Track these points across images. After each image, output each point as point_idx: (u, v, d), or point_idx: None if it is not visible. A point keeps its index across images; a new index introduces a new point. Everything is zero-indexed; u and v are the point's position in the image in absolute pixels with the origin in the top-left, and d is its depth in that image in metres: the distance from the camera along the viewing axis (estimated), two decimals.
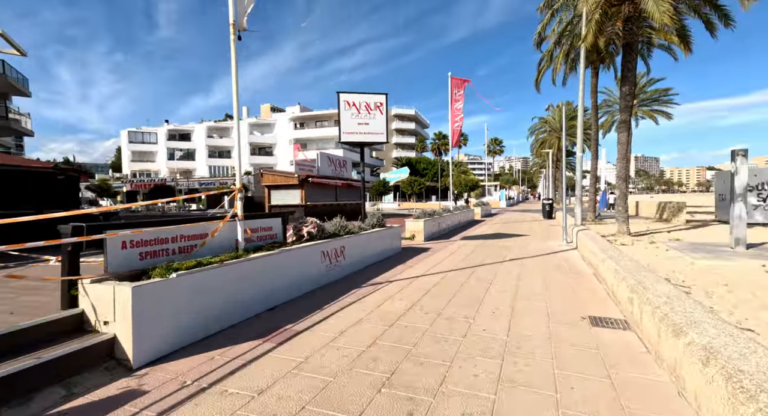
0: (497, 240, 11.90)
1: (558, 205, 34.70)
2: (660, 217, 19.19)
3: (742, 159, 7.75)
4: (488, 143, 78.29)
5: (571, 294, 5.40)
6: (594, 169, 19.04)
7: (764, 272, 6.33)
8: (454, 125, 15.68)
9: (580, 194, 12.09)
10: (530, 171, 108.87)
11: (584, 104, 11.81)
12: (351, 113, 9.01)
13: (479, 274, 6.87)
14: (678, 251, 8.26)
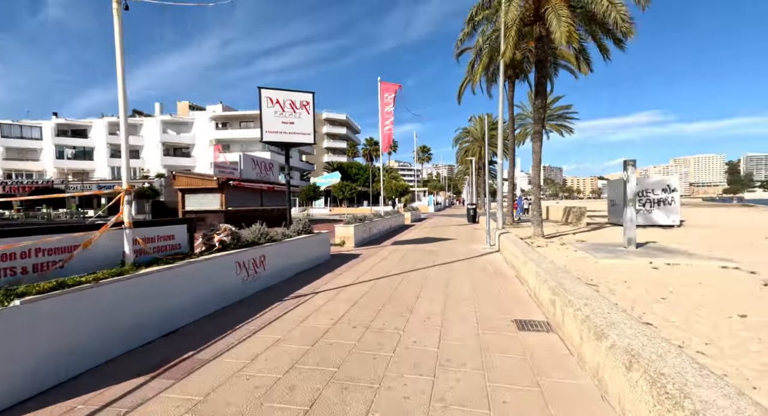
0: (426, 245, 12.05)
1: (481, 210, 37.11)
2: (566, 220, 21.43)
3: (632, 169, 8.82)
4: (417, 151, 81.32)
5: (498, 298, 5.47)
6: (511, 176, 20.61)
7: (652, 269, 7.16)
8: (385, 130, 15.69)
9: (501, 199, 12.85)
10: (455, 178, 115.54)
11: (503, 116, 12.66)
12: (274, 110, 8.35)
13: (410, 280, 6.72)
14: (584, 251, 9.07)
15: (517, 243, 8.27)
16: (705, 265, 7.21)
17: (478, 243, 12.21)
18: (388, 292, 5.85)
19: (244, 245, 5.91)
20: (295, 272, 7.26)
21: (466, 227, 19.16)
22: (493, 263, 8.40)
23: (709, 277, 6.42)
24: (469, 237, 14.21)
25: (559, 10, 9.75)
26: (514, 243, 8.24)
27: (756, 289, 5.61)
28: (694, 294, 5.41)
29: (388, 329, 4.17)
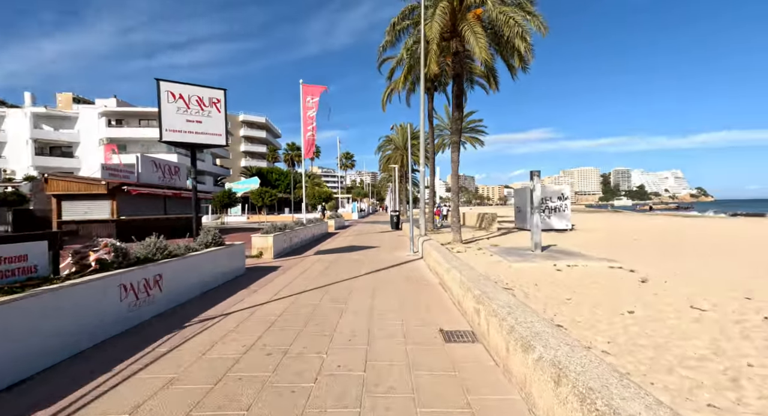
0: (351, 253, 11.75)
1: (404, 217, 38.16)
2: (480, 226, 23.03)
3: (537, 178, 9.69)
4: (340, 157, 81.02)
5: (423, 308, 5.39)
6: (432, 184, 21.49)
7: (556, 271, 7.85)
8: (307, 135, 15.08)
9: (423, 206, 13.18)
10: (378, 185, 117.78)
11: (424, 125, 13.09)
12: (177, 107, 7.30)
13: (334, 294, 6.32)
14: (499, 255, 9.65)
15: (439, 250, 8.44)
16: (596, 266, 8.14)
17: (402, 250, 12.29)
18: (310, 309, 5.38)
19: (133, 262, 4.92)
20: (202, 291, 6.34)
21: (390, 234, 19.36)
22: (417, 271, 8.43)
23: (601, 277, 7.22)
24: (393, 244, 14.29)
25: (474, 27, 10.40)
26: (436, 250, 8.38)
27: (636, 286, 6.43)
28: (592, 293, 5.99)
29: (309, 353, 3.74)
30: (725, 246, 11.95)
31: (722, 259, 9.26)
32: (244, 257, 8.43)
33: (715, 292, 5.91)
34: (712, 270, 7.72)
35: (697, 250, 11.05)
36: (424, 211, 13.07)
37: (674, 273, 7.36)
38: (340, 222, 26.48)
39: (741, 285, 6.34)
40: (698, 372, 3.17)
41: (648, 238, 15.15)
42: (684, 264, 8.48)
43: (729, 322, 4.47)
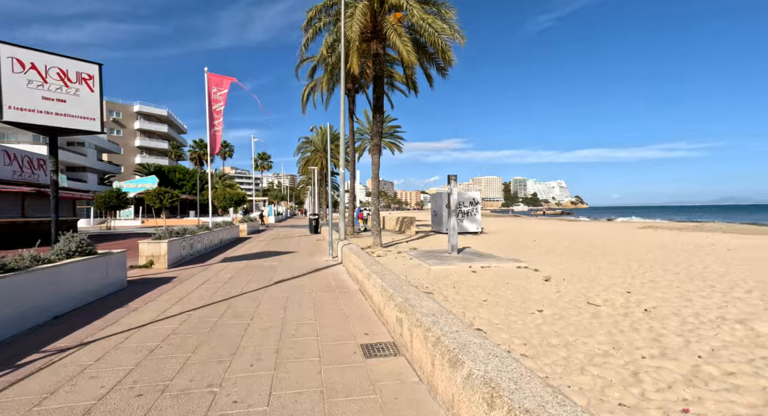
0: (264, 260, 10.73)
1: (324, 220, 37.14)
2: (399, 229, 23.42)
3: (454, 183, 9.97)
4: (256, 158, 76.36)
5: (342, 319, 4.92)
6: (352, 187, 21.18)
7: (471, 272, 8.06)
8: (213, 130, 13.54)
9: (343, 209, 12.73)
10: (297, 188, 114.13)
11: (345, 127, 12.70)
12: (28, 79, 5.68)
13: (239, 307, 5.49)
14: (418, 259, 9.65)
15: (359, 254, 8.06)
16: (506, 266, 8.59)
17: (320, 255, 11.65)
18: (206, 328, 4.52)
19: None
20: (55, 314, 4.95)
21: (309, 239, 18.48)
22: (336, 277, 7.93)
23: (511, 277, 7.59)
24: (311, 249, 13.54)
25: (398, 29, 10.38)
26: (356, 254, 7.99)
27: (541, 285, 6.85)
28: (504, 294, 6.18)
29: (197, 388, 3.00)
30: (601, 246, 13.84)
31: (601, 257, 10.60)
32: (126, 268, 6.98)
33: (603, 288, 6.57)
34: (597, 268, 8.72)
35: (582, 250, 12.56)
36: (344, 214, 12.63)
37: (570, 272, 8.11)
38: (254, 226, 24.58)
39: (621, 281, 7.19)
40: (605, 370, 3.27)
41: (544, 240, 16.90)
42: (574, 263, 9.45)
43: (619, 316, 4.90)
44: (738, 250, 12.30)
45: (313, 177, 28.48)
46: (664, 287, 6.56)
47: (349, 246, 9.63)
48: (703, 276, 7.56)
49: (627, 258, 10.30)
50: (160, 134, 62.59)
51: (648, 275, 7.77)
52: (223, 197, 31.68)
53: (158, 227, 15.27)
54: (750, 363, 3.36)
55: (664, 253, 11.52)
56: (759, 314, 4.90)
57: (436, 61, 12.83)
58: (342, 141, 12.46)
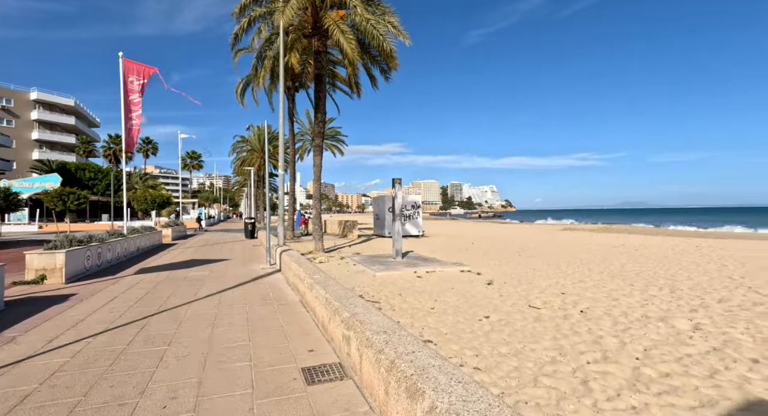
0: (190, 270, 9.60)
1: (261, 224, 35.14)
2: (341, 233, 22.91)
3: (399, 186, 9.84)
4: (185, 156, 70.32)
5: (281, 337, 4.40)
6: (292, 189, 20.24)
7: (417, 278, 7.94)
8: (129, 123, 11.93)
9: (282, 213, 11.96)
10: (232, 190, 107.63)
11: (284, 125, 11.95)
12: None
13: (153, 329, 4.67)
14: (362, 264, 9.32)
15: (300, 261, 7.51)
16: (450, 271, 8.63)
17: (257, 263, 10.77)
18: (107, 360, 3.71)
19: None
20: None
21: (244, 244, 17.19)
22: (274, 288, 7.28)
23: (456, 281, 7.59)
24: (246, 256, 12.51)
25: (341, 26, 10.01)
26: (296, 261, 7.43)
27: (485, 289, 6.92)
28: (451, 300, 6.10)
29: None
30: (531, 248, 14.76)
31: (533, 259, 11.22)
32: (2, 285, 5.66)
33: (540, 290, 6.82)
34: (531, 269, 9.14)
35: (516, 252, 13.24)
36: (284, 218, 11.87)
37: (509, 274, 8.37)
38: (181, 231, 22.34)
39: (555, 282, 7.56)
40: (557, 380, 3.22)
41: (481, 242, 17.62)
42: (511, 265, 9.84)
43: (559, 318, 5.04)
44: (643, 249, 13.88)
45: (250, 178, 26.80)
46: (592, 287, 7.00)
47: (289, 252, 8.99)
48: (622, 275, 8.26)
49: (556, 259, 11.01)
50: (65, 127, 54.71)
51: (576, 275, 8.30)
52: (144, 199, 28.40)
53: (60, 232, 13.05)
54: (678, 361, 3.56)
55: (586, 253, 12.57)
56: (673, 311, 5.36)
57: (380, 63, 12.69)
58: (281, 140, 11.73)
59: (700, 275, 8.20)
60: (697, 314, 5.17)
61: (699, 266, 9.61)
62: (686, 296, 6.20)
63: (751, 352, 3.77)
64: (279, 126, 11.48)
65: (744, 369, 3.36)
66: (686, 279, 7.75)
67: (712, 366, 3.43)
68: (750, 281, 7.53)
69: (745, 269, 9.04)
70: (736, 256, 11.47)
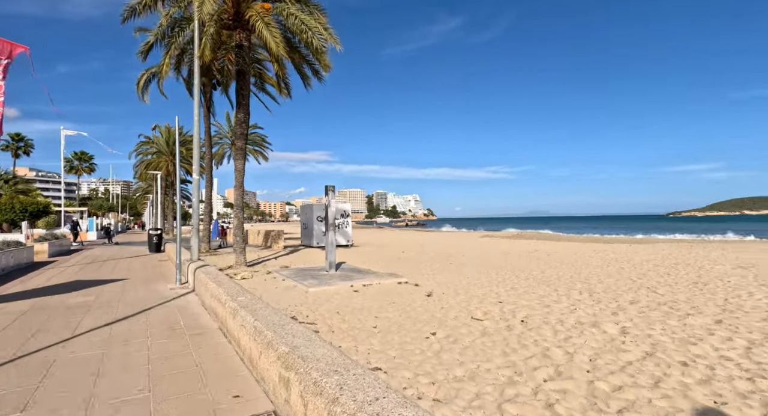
0: (69, 295, 7.74)
1: (170, 235, 31.14)
2: (266, 244, 21.29)
3: (333, 193, 9.26)
4: (72, 157, 59.99)
5: (195, 381, 3.52)
6: (209, 197, 18.23)
7: (354, 292, 7.42)
8: None
9: (197, 223, 10.47)
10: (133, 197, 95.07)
11: (199, 126, 10.54)
12: None
13: (3, 386, 3.41)
14: (292, 279, 8.49)
15: (218, 279, 6.46)
16: (388, 283, 8.28)
17: (163, 282, 9.18)
18: None
19: None
20: None
21: (148, 259, 14.82)
22: (186, 313, 6.11)
23: (395, 294, 7.25)
24: (150, 274, 10.66)
25: (266, 18, 9.19)
26: (214, 279, 6.37)
27: (425, 301, 6.69)
28: (393, 316, 5.71)
29: None
30: (459, 255, 15.27)
31: (464, 267, 11.51)
32: None
33: (479, 299, 6.82)
34: (465, 278, 9.26)
35: (446, 260, 13.52)
36: (198, 229, 10.39)
37: (445, 284, 8.32)
38: (62, 245, 18.58)
39: (489, 290, 7.68)
40: (521, 405, 2.99)
41: (411, 251, 17.76)
42: (445, 274, 9.89)
43: (504, 330, 4.96)
44: (555, 254, 15.27)
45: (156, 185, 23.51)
46: (524, 294, 7.23)
47: (205, 269, 7.78)
48: (545, 281, 8.77)
49: (485, 267, 11.41)
50: None
51: (507, 282, 8.58)
52: (11, 207, 23.19)
53: None
54: (623, 370, 3.62)
55: (508, 260, 13.33)
56: (599, 315, 5.69)
57: (311, 63, 12.05)
58: (196, 141, 10.34)
59: (606, 278, 9.10)
60: (619, 317, 5.54)
61: (602, 269, 10.74)
62: (604, 299, 6.71)
63: (677, 354, 4.03)
64: (194, 125, 10.10)
65: (679, 374, 3.52)
66: (598, 282, 8.50)
67: (653, 374, 3.54)
68: (646, 282, 8.55)
69: (638, 271, 10.33)
70: (626, 259, 13.18)
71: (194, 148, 9.56)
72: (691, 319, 5.32)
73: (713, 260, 12.21)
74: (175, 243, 9.12)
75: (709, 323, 5.17)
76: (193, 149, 9.67)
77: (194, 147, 9.57)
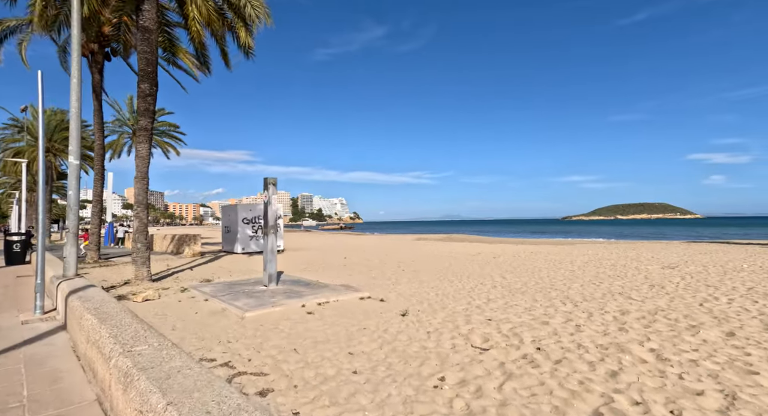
0: None
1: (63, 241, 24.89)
2: (177, 251, 17.87)
3: (274, 188, 7.39)
4: None
5: None
6: (99, 194, 14.49)
7: (308, 315, 5.72)
8: None
9: (75, 225, 7.56)
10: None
11: (77, 96, 7.62)
12: None
13: None
14: (219, 299, 6.43)
15: (103, 308, 4.22)
16: (347, 298, 6.69)
17: (13, 311, 6.32)
18: None
19: None
20: None
21: (2, 276, 10.93)
22: (41, 371, 3.82)
23: (360, 314, 5.73)
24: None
25: None
26: (96, 308, 4.14)
27: (403, 324, 5.30)
28: (373, 350, 4.21)
29: None
30: (407, 261, 14.23)
31: (420, 274, 10.41)
32: None
33: (464, 318, 5.67)
34: (431, 288, 8.11)
35: (396, 266, 12.33)
36: (76, 233, 7.47)
37: (414, 299, 7.03)
38: None
39: (467, 303, 6.59)
40: None
41: (352, 256, 16.22)
42: (406, 285, 8.64)
43: (526, 365, 3.82)
44: (499, 256, 15.09)
45: (23, 178, 18.10)
46: (506, 307, 6.29)
47: (85, 291, 5.31)
48: (517, 289, 8.02)
49: (441, 273, 10.46)
50: None
51: (478, 292, 7.64)
52: None
53: None
54: None
55: (459, 264, 12.62)
56: (611, 333, 4.92)
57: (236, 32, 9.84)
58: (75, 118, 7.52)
59: (571, 283, 8.70)
60: (631, 334, 4.81)
61: (557, 272, 10.51)
62: (593, 310, 6.05)
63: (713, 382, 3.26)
64: (71, 99, 7.22)
65: None
66: (567, 288, 7.99)
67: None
68: (609, 285, 8.30)
69: (589, 273, 10.27)
70: (567, 260, 13.41)
71: (71, 120, 6.83)
72: (704, 333, 4.80)
73: (639, 260, 12.97)
74: (38, 252, 6.31)
75: (722, 336, 4.68)
76: (70, 124, 6.92)
77: (71, 120, 6.83)
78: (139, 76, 8.59)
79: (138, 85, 8.64)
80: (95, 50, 13.63)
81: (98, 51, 13.69)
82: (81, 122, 7.06)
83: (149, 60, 8.53)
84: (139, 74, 8.62)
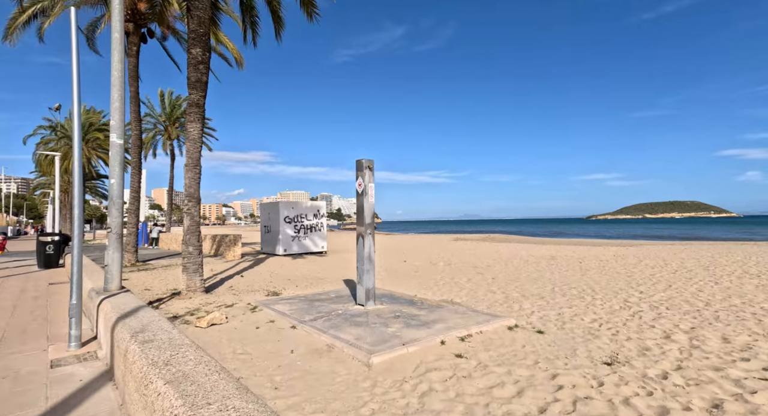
0: None
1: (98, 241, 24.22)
2: (216, 252, 16.49)
3: (370, 173, 5.56)
4: None
5: None
6: (136, 190, 13.16)
7: (456, 357, 3.84)
8: None
9: (118, 222, 5.94)
10: (32, 196, 79.69)
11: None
12: None
13: None
14: (310, 326, 4.64)
15: (178, 359, 2.48)
16: (490, 329, 4.73)
17: (45, 340, 4.74)
18: None
19: None
20: None
21: (35, 282, 9.59)
22: None
23: (533, 358, 3.77)
24: (26, 316, 5.96)
25: None
26: (167, 362, 2.39)
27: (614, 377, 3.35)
28: None
29: None
30: (483, 265, 12.22)
31: (513, 283, 8.43)
32: None
33: (654, 357, 3.68)
34: (579, 312, 6.13)
35: (475, 270, 10.35)
36: (121, 232, 5.79)
37: (581, 331, 5.07)
38: None
39: (625, 329, 4.59)
40: None
41: (413, 260, 14.31)
42: (534, 303, 6.69)
43: None
44: (584, 260, 12.88)
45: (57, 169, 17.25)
46: (667, 328, 4.25)
47: (140, 319, 3.59)
48: (682, 309, 5.94)
49: (547, 285, 8.44)
50: None
51: (606, 306, 5.60)
52: None
53: None
54: None
55: (549, 271, 10.53)
56: None
57: None
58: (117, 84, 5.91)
59: (689, 286, 6.54)
60: None
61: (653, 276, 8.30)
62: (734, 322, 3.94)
63: None
64: (112, 54, 5.60)
65: None
66: (677, 294, 5.86)
67: None
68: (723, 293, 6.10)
69: (683, 277, 8.03)
70: (662, 263, 11.11)
71: (113, 88, 5.23)
72: None
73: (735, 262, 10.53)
74: (72, 256, 4.70)
75: None
76: (111, 93, 5.30)
77: (113, 87, 5.24)
78: (190, 40, 6.98)
79: (188, 51, 7.01)
80: (131, 30, 12.28)
81: (134, 31, 12.34)
82: (124, 92, 5.44)
83: (201, 19, 6.90)
84: (189, 38, 7.01)
